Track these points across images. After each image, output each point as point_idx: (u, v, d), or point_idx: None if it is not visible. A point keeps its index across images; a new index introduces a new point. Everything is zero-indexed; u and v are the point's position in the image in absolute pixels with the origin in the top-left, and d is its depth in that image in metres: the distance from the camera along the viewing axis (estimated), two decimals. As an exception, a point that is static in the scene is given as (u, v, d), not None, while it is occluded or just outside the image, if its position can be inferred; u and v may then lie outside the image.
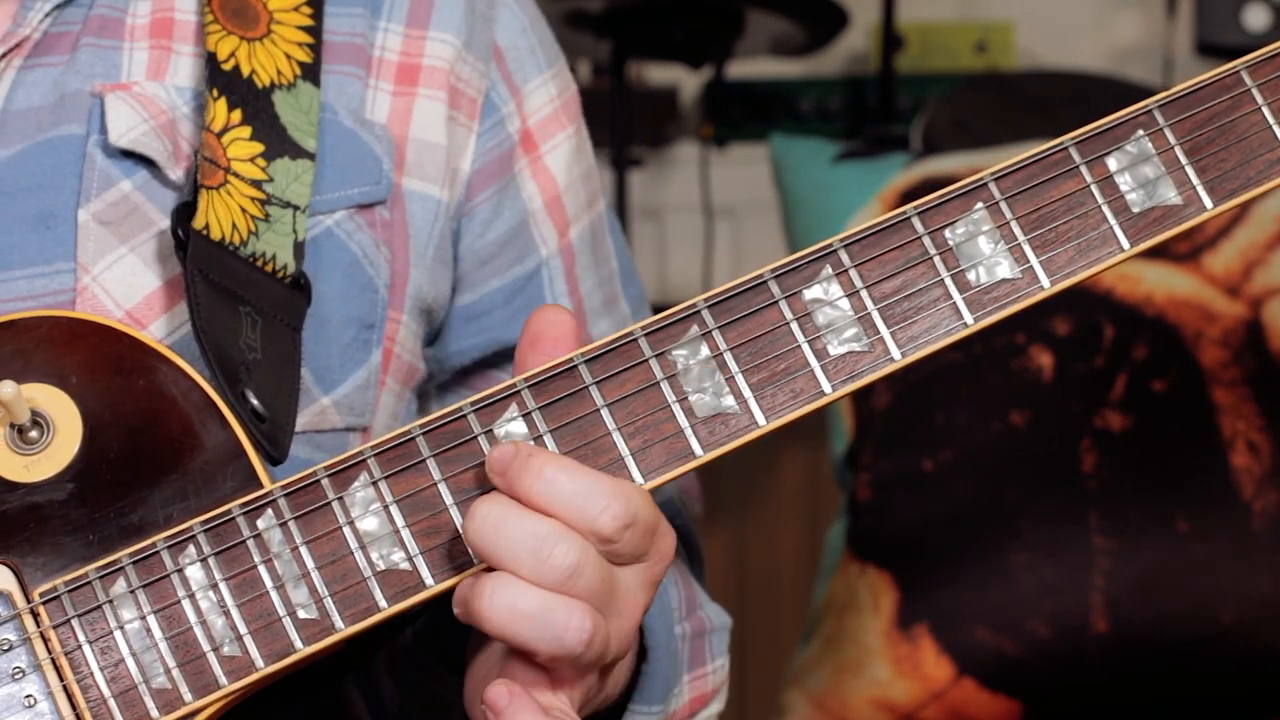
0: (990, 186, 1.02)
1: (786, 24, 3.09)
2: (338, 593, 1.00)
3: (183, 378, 1.04)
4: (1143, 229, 1.02)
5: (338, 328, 1.18)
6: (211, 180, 1.11)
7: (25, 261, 1.11)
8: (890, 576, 2.16)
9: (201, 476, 1.02)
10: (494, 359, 1.28)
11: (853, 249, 1.01)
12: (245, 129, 1.14)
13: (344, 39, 1.22)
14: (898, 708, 2.11)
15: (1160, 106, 1.03)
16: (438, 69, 1.23)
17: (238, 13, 1.17)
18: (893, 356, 1.01)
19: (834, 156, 2.41)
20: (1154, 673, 2.09)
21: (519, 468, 0.96)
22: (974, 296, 1.01)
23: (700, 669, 1.22)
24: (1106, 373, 2.17)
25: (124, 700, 0.99)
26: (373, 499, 1.00)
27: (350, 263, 1.18)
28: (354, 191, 1.19)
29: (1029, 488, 2.15)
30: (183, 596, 1.00)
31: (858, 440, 2.23)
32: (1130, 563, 2.10)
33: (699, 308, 1.01)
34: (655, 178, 3.70)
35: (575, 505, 0.96)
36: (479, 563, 0.98)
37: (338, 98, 1.20)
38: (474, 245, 1.26)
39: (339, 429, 1.18)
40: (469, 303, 1.27)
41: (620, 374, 1.01)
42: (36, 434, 1.02)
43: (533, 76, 1.29)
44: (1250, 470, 2.12)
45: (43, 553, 1.01)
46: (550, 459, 0.97)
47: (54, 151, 1.13)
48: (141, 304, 1.12)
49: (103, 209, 1.13)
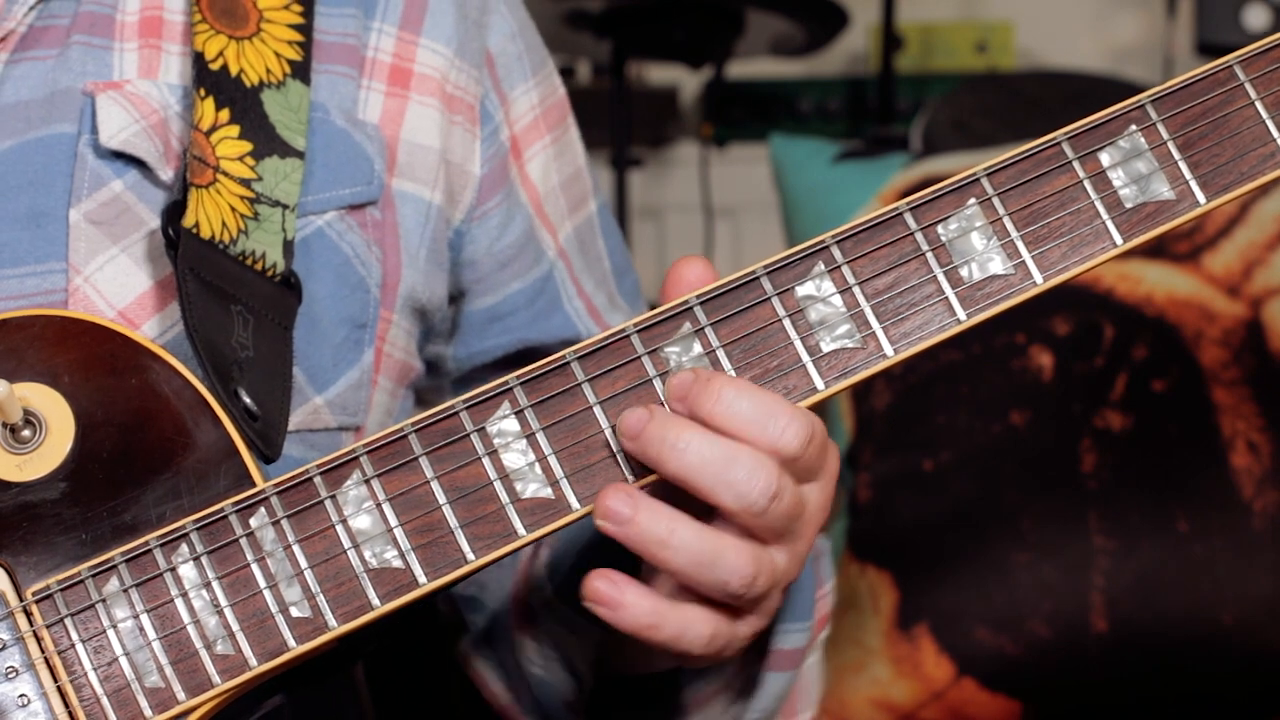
0: (983, 182, 1.02)
1: (786, 24, 3.09)
2: (330, 591, 0.99)
3: (175, 376, 1.04)
4: (1136, 224, 1.02)
5: (330, 327, 1.18)
6: (201, 179, 1.11)
7: (16, 260, 1.11)
8: (890, 576, 2.16)
9: (194, 475, 1.02)
10: (516, 358, 1.29)
11: (845, 245, 1.01)
12: (234, 128, 1.14)
13: (336, 39, 1.22)
14: (898, 708, 2.11)
15: (1153, 101, 1.03)
16: (430, 78, 1.24)
17: (226, 11, 1.17)
18: (885, 353, 1.01)
19: (834, 156, 2.41)
20: (1154, 673, 2.08)
21: (698, 392, 0.97)
22: (966, 292, 1.01)
23: (821, 588, 1.21)
24: (1106, 373, 2.17)
25: (117, 699, 0.99)
26: (365, 497, 1.00)
27: (341, 263, 1.18)
28: (345, 192, 1.19)
29: (1029, 488, 2.15)
30: (175, 595, 1.00)
31: (858, 440, 2.23)
32: (1130, 563, 2.10)
33: (691, 304, 1.01)
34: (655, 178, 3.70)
35: (758, 425, 0.97)
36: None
37: (329, 97, 1.20)
38: (492, 248, 1.27)
39: (332, 428, 1.18)
40: (492, 304, 1.28)
41: (612, 371, 1.00)
42: (29, 433, 1.02)
43: (518, 84, 1.29)
44: (1250, 470, 2.12)
45: (36, 552, 1.01)
46: (728, 381, 0.98)
47: (45, 150, 1.13)
48: (133, 304, 1.12)
49: (94, 209, 1.13)
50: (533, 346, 1.29)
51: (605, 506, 0.97)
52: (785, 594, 1.11)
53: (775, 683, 1.15)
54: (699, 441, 0.96)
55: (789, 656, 1.16)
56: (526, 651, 1.19)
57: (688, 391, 0.97)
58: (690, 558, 0.97)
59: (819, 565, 1.21)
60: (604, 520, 0.97)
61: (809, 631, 1.16)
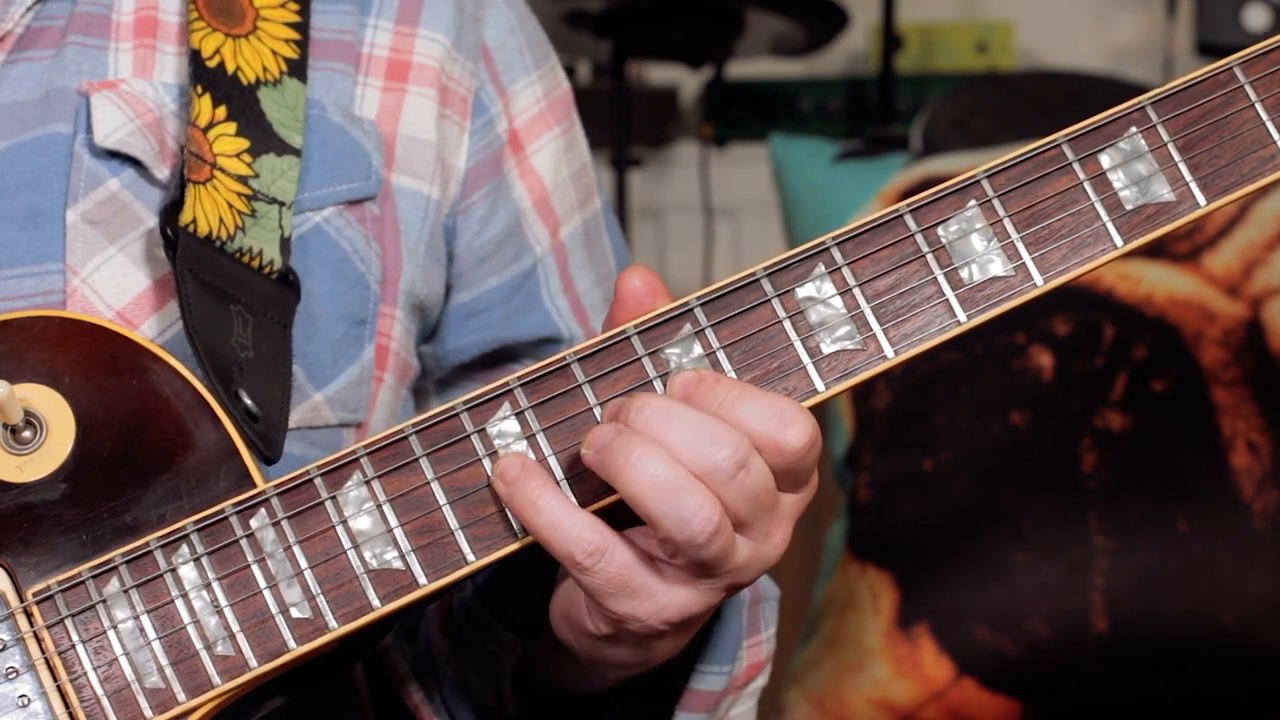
0: (983, 184, 1.02)
1: (786, 24, 3.09)
2: (331, 592, 0.99)
3: (175, 377, 1.04)
4: (1136, 226, 1.02)
5: (328, 324, 1.18)
6: (198, 175, 1.11)
7: (14, 261, 1.11)
8: (890, 576, 2.16)
9: (195, 476, 1.02)
10: (494, 356, 1.28)
11: (845, 247, 1.01)
12: (231, 125, 1.14)
13: (332, 36, 1.22)
14: (898, 708, 2.11)
15: (1153, 103, 1.02)
16: (428, 67, 1.23)
17: (223, 10, 1.17)
18: (886, 354, 1.01)
19: (834, 156, 2.41)
20: (1154, 673, 2.08)
21: (704, 394, 0.97)
22: (967, 294, 1.01)
23: (756, 635, 1.20)
24: (1106, 373, 2.17)
25: (117, 700, 0.99)
26: (365, 498, 1.00)
27: (340, 259, 1.18)
28: (343, 188, 1.19)
29: (1029, 488, 2.15)
30: (176, 596, 1.00)
31: (858, 440, 2.23)
32: (1130, 563, 2.10)
33: (692, 306, 1.01)
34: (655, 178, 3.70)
35: (765, 424, 0.96)
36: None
37: (326, 94, 1.20)
38: (471, 243, 1.26)
39: (332, 425, 1.18)
40: (467, 300, 1.27)
41: (613, 372, 1.00)
42: (30, 434, 1.02)
43: (520, 77, 1.29)
44: (1250, 470, 2.12)
45: (36, 552, 1.01)
46: (733, 384, 0.97)
47: (41, 150, 1.13)
48: (131, 304, 1.12)
49: (91, 208, 1.13)
50: (508, 344, 1.28)
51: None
52: (707, 633, 1.12)
53: None
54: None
55: (703, 698, 1.15)
56: (443, 651, 1.19)
57: (693, 391, 0.97)
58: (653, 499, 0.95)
59: (759, 611, 1.21)
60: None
61: (726, 676, 1.16)
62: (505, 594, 1.14)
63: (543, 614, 1.07)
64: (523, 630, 1.12)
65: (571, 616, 1.03)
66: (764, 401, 0.97)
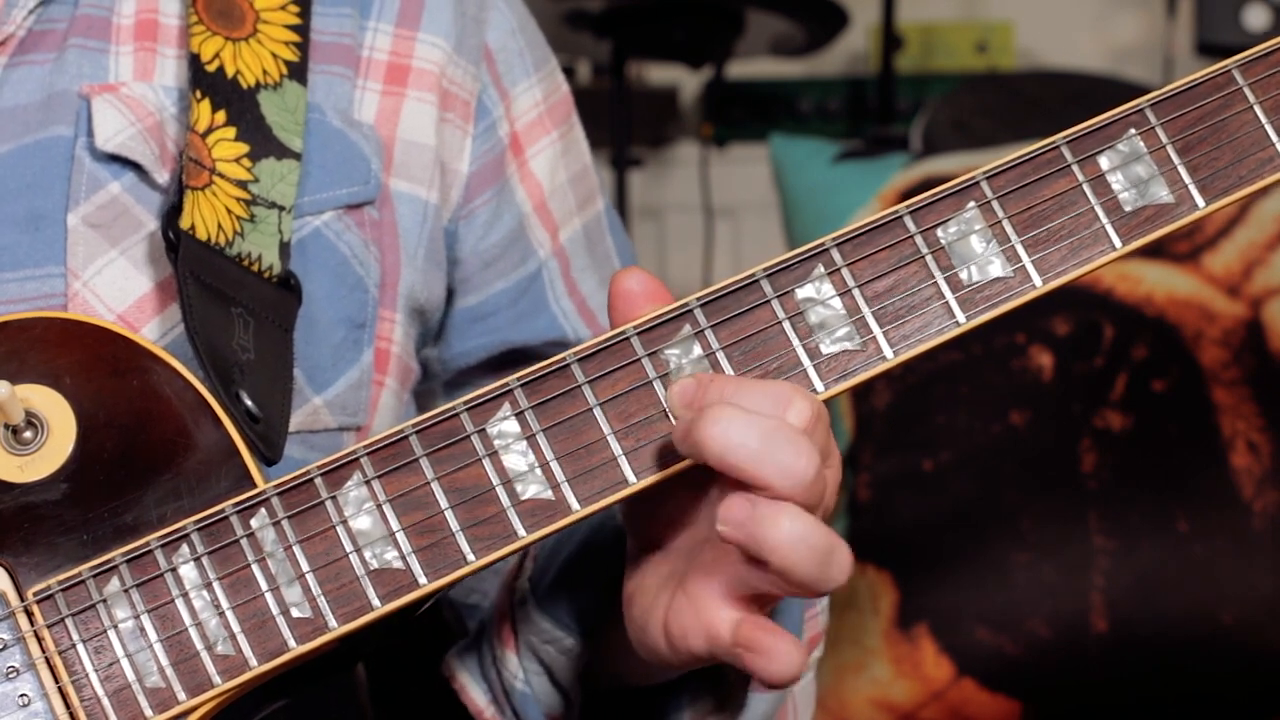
0: (982, 185, 1.02)
1: (786, 24, 3.10)
2: (331, 592, 1.00)
3: (176, 378, 1.04)
4: (1135, 228, 1.02)
5: (328, 328, 1.18)
6: (197, 181, 1.11)
7: (15, 264, 1.11)
8: (890, 576, 2.16)
9: (195, 476, 1.02)
10: (500, 360, 1.28)
11: (845, 248, 1.01)
12: (230, 129, 1.14)
13: (332, 39, 1.22)
14: (898, 708, 2.11)
15: (1152, 105, 1.03)
16: (428, 72, 1.23)
17: (223, 13, 1.17)
18: (885, 355, 1.01)
19: (834, 156, 2.41)
20: (1154, 673, 2.09)
21: (705, 395, 0.96)
22: (966, 295, 1.01)
23: (812, 609, 1.20)
24: (1106, 373, 2.17)
25: (118, 699, 0.99)
26: (366, 498, 1.00)
27: (339, 263, 1.19)
28: (342, 192, 1.19)
29: (1029, 488, 2.15)
30: (176, 596, 1.00)
31: (857, 440, 2.23)
32: (1130, 563, 2.10)
33: (691, 307, 1.01)
34: (655, 178, 3.70)
35: (768, 409, 0.95)
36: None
37: (326, 98, 1.20)
38: (477, 247, 1.26)
39: (332, 429, 1.18)
40: (474, 304, 1.27)
41: (613, 373, 1.00)
42: (31, 434, 1.02)
43: (521, 79, 1.29)
44: (1250, 470, 2.12)
45: (37, 552, 1.01)
46: (729, 380, 0.97)
47: (43, 153, 1.13)
48: (133, 307, 1.12)
49: (92, 212, 1.13)
50: (516, 347, 1.29)
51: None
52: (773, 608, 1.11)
53: (759, 704, 1.14)
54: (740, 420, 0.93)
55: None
56: (509, 665, 1.19)
57: (693, 398, 0.97)
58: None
59: None
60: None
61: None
62: (569, 602, 1.14)
63: (603, 617, 1.07)
64: (585, 634, 1.11)
65: (654, 613, 1.01)
66: (762, 390, 0.96)
